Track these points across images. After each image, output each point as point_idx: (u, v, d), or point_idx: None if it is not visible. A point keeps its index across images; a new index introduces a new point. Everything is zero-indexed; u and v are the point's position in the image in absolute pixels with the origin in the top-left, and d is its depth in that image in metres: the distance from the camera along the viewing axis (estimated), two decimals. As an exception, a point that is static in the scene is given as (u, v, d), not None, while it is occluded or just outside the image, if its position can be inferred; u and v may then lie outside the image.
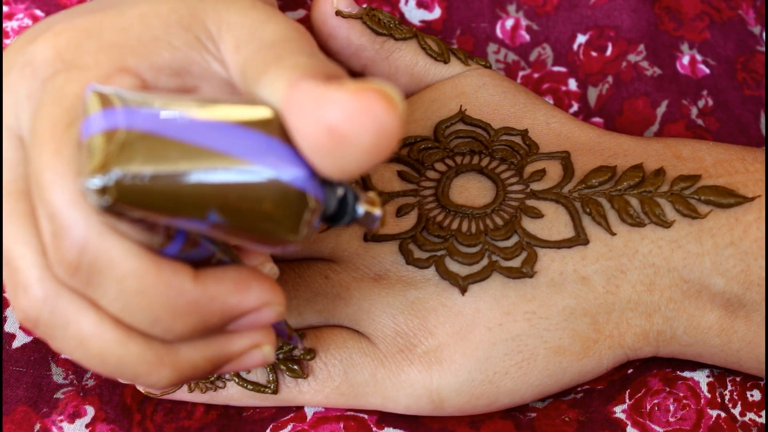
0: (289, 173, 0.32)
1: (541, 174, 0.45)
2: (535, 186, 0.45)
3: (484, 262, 0.44)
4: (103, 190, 0.30)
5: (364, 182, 0.46)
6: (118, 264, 0.33)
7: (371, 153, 0.31)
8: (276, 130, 0.32)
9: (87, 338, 0.34)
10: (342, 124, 0.30)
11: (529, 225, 0.44)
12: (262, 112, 0.33)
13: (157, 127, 0.31)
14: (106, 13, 0.37)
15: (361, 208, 0.35)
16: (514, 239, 0.44)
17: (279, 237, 0.33)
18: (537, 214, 0.44)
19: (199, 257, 0.35)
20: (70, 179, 0.32)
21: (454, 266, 0.44)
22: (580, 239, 0.44)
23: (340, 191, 0.34)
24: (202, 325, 0.35)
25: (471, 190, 0.46)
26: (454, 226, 0.45)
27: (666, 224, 0.44)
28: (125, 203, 0.31)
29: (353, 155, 0.31)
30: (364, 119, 0.30)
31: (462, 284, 0.43)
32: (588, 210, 0.44)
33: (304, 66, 0.33)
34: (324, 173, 0.32)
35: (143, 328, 0.34)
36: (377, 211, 0.35)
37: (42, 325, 0.34)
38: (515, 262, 0.43)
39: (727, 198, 0.43)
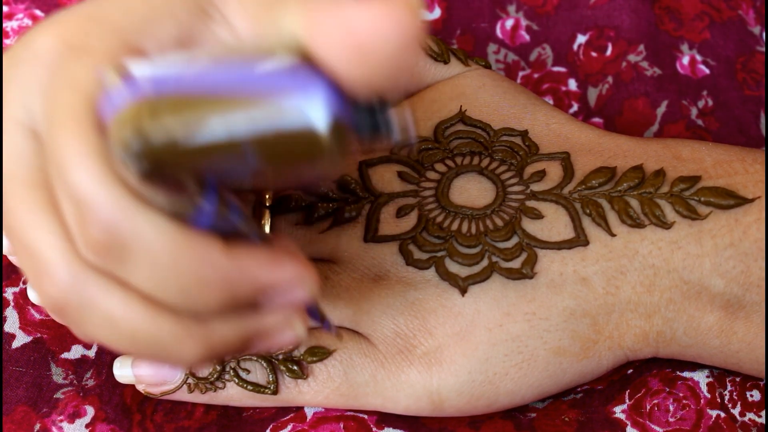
0: (319, 99, 0.32)
1: (541, 175, 0.45)
2: (535, 187, 0.45)
3: (484, 263, 0.44)
4: (142, 155, 0.30)
5: (364, 183, 0.46)
6: (149, 240, 0.32)
7: (396, 58, 0.31)
8: (299, 56, 0.32)
9: (117, 318, 0.34)
10: (366, 30, 0.30)
11: (529, 226, 0.44)
12: (280, 49, 0.33)
13: (179, 85, 0.31)
14: None
15: (393, 118, 0.34)
16: (514, 240, 0.44)
17: (320, 164, 0.33)
18: (537, 215, 0.44)
19: (229, 231, 0.34)
20: (94, 159, 0.32)
21: (454, 267, 0.44)
22: (580, 240, 0.44)
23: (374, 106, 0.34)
24: (232, 299, 0.34)
25: (471, 191, 0.46)
26: (454, 227, 0.45)
27: (666, 225, 0.44)
28: (166, 164, 0.31)
29: (379, 61, 0.31)
30: (387, 22, 0.30)
31: (462, 285, 0.43)
32: (588, 211, 0.44)
33: None
34: (356, 86, 0.32)
35: (174, 303, 0.34)
36: (411, 120, 0.34)
37: (71, 309, 0.34)
38: (515, 263, 0.44)
39: (727, 199, 0.43)
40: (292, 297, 0.35)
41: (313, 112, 0.32)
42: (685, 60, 0.53)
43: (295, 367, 0.44)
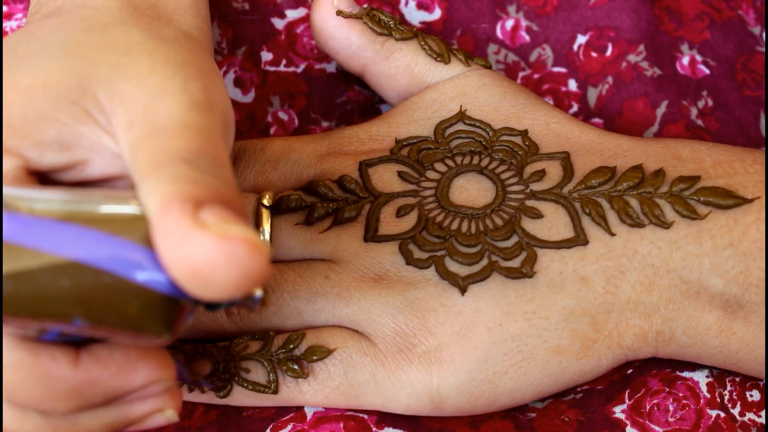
0: (152, 280, 0.33)
1: (540, 174, 0.45)
2: (535, 186, 0.45)
3: (484, 262, 0.44)
4: None
5: (364, 183, 0.46)
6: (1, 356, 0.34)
7: (236, 288, 0.31)
8: (143, 234, 0.33)
9: None
10: (205, 266, 0.31)
11: (529, 225, 0.44)
12: (130, 213, 0.33)
13: (19, 235, 0.32)
14: None
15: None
16: (514, 239, 0.44)
17: (148, 335, 0.34)
18: (537, 215, 0.44)
19: (81, 338, 0.36)
20: None
21: (453, 266, 0.44)
22: (579, 239, 0.44)
23: None
24: (86, 405, 0.36)
25: (471, 191, 0.46)
26: (454, 226, 0.45)
27: (665, 225, 0.44)
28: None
29: (218, 289, 0.31)
30: (226, 264, 0.31)
31: (462, 284, 0.43)
32: (587, 210, 0.44)
33: (182, 181, 0.33)
34: (190, 295, 0.32)
35: (32, 407, 0.36)
36: (257, 293, 0.35)
37: None
38: (515, 262, 0.44)
39: (727, 199, 0.43)
40: (148, 395, 0.37)
41: (144, 288, 0.33)
42: (685, 60, 0.53)
43: (296, 366, 0.44)
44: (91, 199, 0.34)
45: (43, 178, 0.37)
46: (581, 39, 0.54)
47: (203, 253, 0.31)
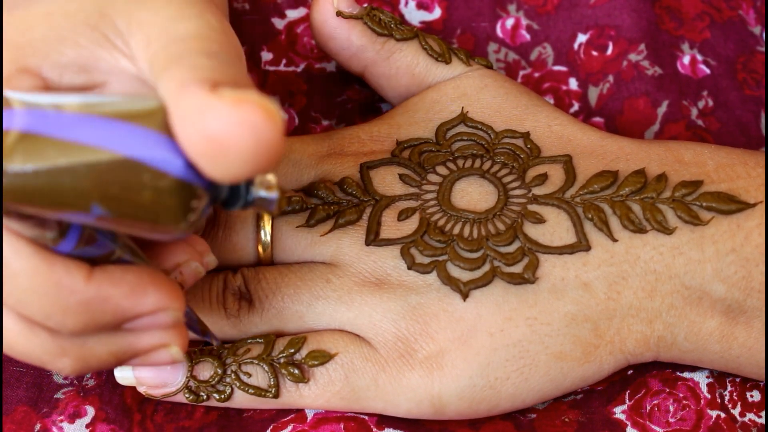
0: (167, 164, 0.33)
1: (542, 178, 0.45)
2: (537, 190, 0.45)
3: (486, 267, 0.44)
4: None
5: (365, 185, 0.46)
6: (9, 262, 0.34)
7: (252, 161, 0.32)
8: (160, 122, 0.33)
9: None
10: (221, 134, 0.31)
11: (531, 230, 0.44)
12: (148, 105, 0.34)
13: (41, 126, 0.33)
14: (12, 13, 0.37)
15: (255, 192, 0.36)
16: (516, 245, 0.44)
17: (165, 226, 0.34)
18: (539, 220, 0.44)
19: (97, 254, 0.36)
20: None
21: (455, 271, 0.44)
22: (581, 245, 0.44)
23: None
24: (93, 324, 0.36)
25: (473, 195, 0.46)
26: (456, 230, 0.45)
27: (668, 231, 0.44)
28: (11, 200, 0.32)
29: (234, 162, 0.32)
30: (242, 130, 0.31)
31: (463, 290, 0.43)
32: (590, 216, 0.44)
33: (201, 68, 0.33)
34: (207, 175, 0.33)
35: (39, 322, 0.36)
36: (273, 194, 0.36)
37: None
38: (517, 268, 0.43)
39: (729, 204, 0.43)
40: (156, 322, 0.38)
41: (160, 172, 0.33)
42: (686, 59, 0.53)
43: (297, 371, 0.44)
44: (110, 97, 0.34)
45: None
46: (582, 38, 0.54)
47: (219, 120, 0.31)
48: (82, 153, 0.32)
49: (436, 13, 0.54)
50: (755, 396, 0.46)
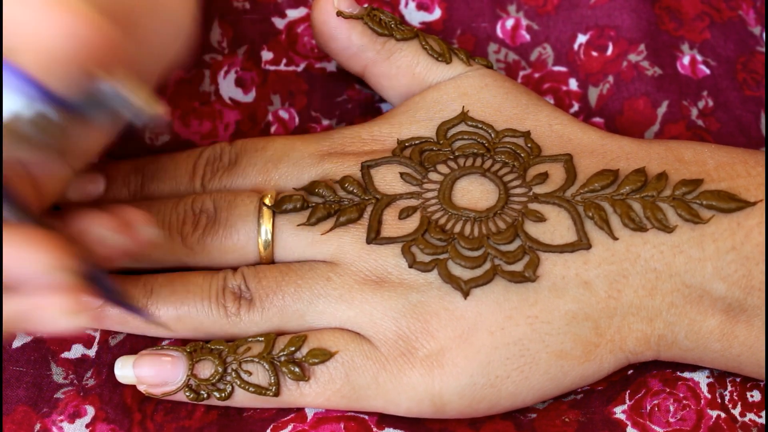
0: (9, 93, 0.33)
1: (543, 177, 0.45)
2: (538, 189, 0.45)
3: (487, 265, 0.44)
4: None
5: (366, 184, 0.46)
6: None
7: (79, 59, 0.33)
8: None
9: None
10: (48, 35, 0.33)
11: (532, 229, 0.44)
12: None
13: None
14: None
15: (105, 88, 0.35)
16: (517, 243, 0.44)
17: (8, 150, 0.34)
18: (539, 218, 0.44)
19: None
20: None
21: (456, 270, 0.44)
22: (582, 243, 0.44)
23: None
24: None
25: (473, 193, 0.46)
26: (457, 229, 0.45)
27: (668, 229, 0.44)
28: None
29: (62, 66, 0.33)
30: (60, 33, 0.32)
31: (464, 288, 0.43)
32: (590, 214, 0.44)
33: None
34: (53, 87, 0.33)
35: None
36: (120, 89, 0.35)
37: None
38: (518, 266, 0.44)
39: (729, 203, 0.43)
40: (44, 283, 0.36)
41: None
42: (686, 60, 0.53)
43: (297, 369, 0.44)
44: None
45: None
46: (582, 38, 0.54)
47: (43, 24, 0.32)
48: None
49: (436, 13, 0.54)
50: (755, 396, 0.46)
